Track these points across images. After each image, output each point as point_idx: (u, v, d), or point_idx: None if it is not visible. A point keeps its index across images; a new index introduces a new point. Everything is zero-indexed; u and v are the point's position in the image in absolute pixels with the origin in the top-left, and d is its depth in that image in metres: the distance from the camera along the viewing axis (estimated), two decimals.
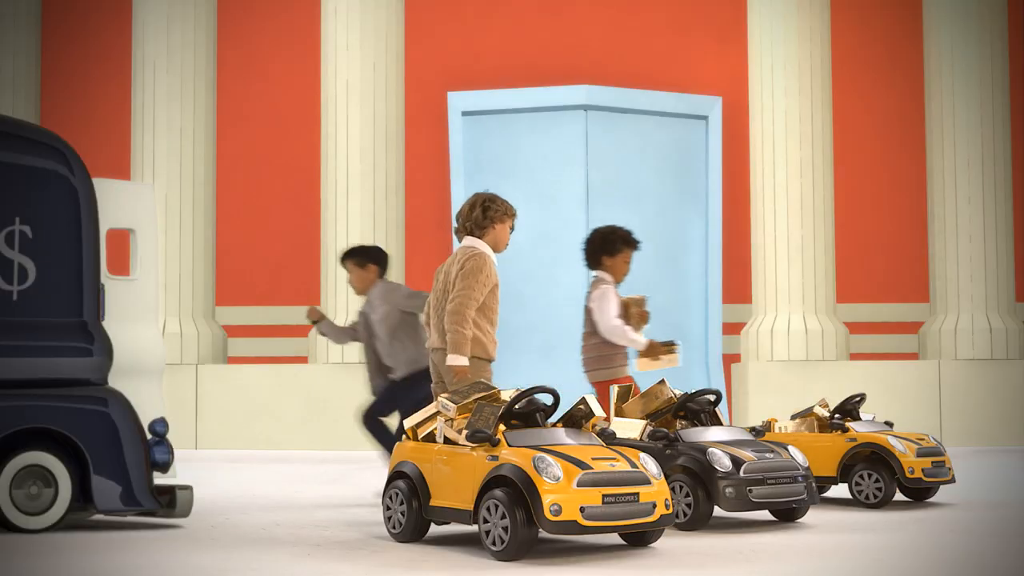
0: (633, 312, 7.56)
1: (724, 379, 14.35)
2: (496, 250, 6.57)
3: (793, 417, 7.71)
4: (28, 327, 6.30)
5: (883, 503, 7.17)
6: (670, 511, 5.38)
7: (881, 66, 15.08)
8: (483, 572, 4.99)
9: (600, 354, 7.53)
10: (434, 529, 5.98)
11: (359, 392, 8.95)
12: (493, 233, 6.55)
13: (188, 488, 6.52)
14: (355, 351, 11.84)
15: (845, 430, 7.39)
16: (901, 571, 5.04)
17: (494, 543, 5.21)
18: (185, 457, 11.32)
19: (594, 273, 7.74)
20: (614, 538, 5.67)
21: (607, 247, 7.70)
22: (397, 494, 5.78)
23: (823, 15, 13.47)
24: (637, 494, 5.24)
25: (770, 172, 13.31)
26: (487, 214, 6.55)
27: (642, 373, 7.53)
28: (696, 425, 6.61)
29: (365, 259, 8.31)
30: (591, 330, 7.57)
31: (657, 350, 7.50)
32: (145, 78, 13.45)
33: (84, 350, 6.44)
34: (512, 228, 6.67)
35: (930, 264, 13.52)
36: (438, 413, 5.79)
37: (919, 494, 7.45)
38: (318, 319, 8.51)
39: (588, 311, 7.59)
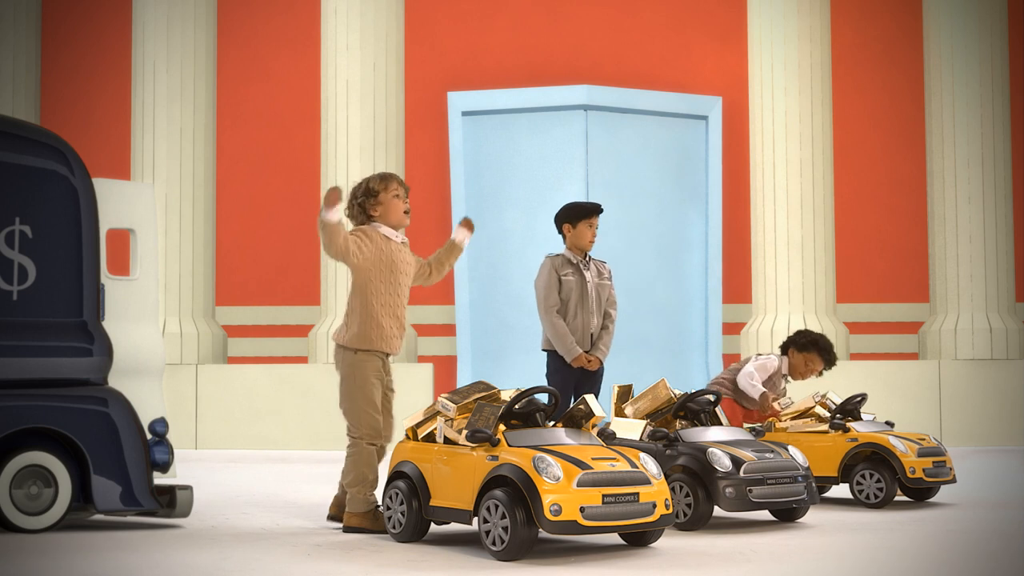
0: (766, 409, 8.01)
1: None
2: (394, 225, 6.43)
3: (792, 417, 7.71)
4: (28, 327, 6.30)
5: (884, 503, 7.17)
6: (670, 511, 5.38)
7: (881, 66, 15.08)
8: (483, 572, 4.99)
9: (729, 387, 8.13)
10: (434, 529, 5.98)
11: None
12: (382, 210, 6.41)
13: (188, 488, 6.52)
14: None
15: (846, 430, 7.39)
16: (901, 571, 5.04)
17: (494, 543, 5.21)
18: (185, 457, 11.32)
19: (783, 356, 8.26)
20: (614, 538, 5.67)
21: (802, 341, 8.19)
22: (397, 494, 5.78)
23: (823, 15, 13.47)
24: (637, 494, 5.24)
25: (770, 172, 13.31)
26: (366, 204, 6.40)
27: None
28: (696, 425, 6.61)
29: None
30: (738, 368, 8.17)
31: (767, 408, 7.97)
32: (145, 78, 13.45)
33: (84, 350, 6.44)
34: (398, 196, 6.41)
35: (930, 264, 13.51)
36: (438, 413, 5.79)
37: (920, 494, 7.45)
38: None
39: (744, 360, 8.24)
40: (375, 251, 6.34)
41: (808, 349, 8.14)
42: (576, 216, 7.51)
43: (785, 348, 8.26)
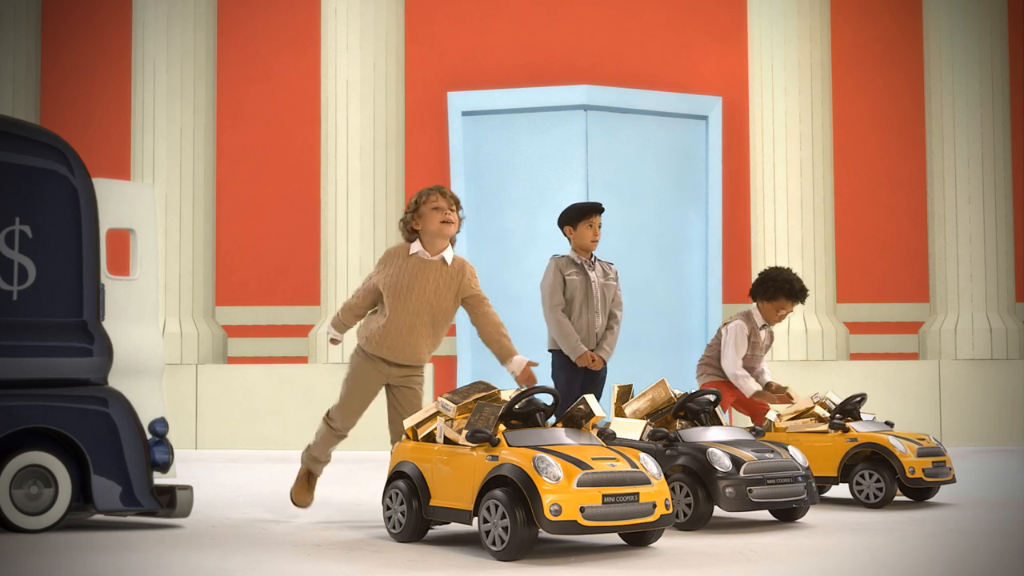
0: (772, 396, 8.04)
1: None
2: (432, 234, 6.48)
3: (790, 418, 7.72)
4: (28, 327, 6.30)
5: (884, 503, 7.17)
6: (670, 511, 5.38)
7: (881, 66, 15.08)
8: (483, 572, 4.99)
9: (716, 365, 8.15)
10: (434, 529, 5.98)
11: None
12: (422, 223, 6.51)
13: (188, 488, 6.52)
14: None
15: (846, 430, 7.39)
16: (901, 571, 5.04)
17: (494, 543, 5.21)
18: (185, 457, 11.32)
19: (751, 306, 8.21)
20: (614, 538, 5.67)
21: (766, 290, 8.11)
22: (397, 494, 5.78)
23: (823, 15, 13.47)
24: (637, 494, 5.24)
25: (770, 172, 13.31)
26: (409, 220, 6.56)
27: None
28: (696, 425, 6.61)
29: None
30: (717, 344, 8.13)
31: (768, 397, 7.99)
32: (145, 78, 13.45)
33: (84, 350, 6.44)
34: (437, 208, 6.49)
35: (930, 264, 13.52)
36: (438, 413, 5.79)
37: (920, 494, 7.45)
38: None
39: (720, 335, 8.13)
40: (393, 272, 6.50)
41: (775, 297, 8.11)
42: (575, 217, 7.56)
43: (754, 298, 8.24)
